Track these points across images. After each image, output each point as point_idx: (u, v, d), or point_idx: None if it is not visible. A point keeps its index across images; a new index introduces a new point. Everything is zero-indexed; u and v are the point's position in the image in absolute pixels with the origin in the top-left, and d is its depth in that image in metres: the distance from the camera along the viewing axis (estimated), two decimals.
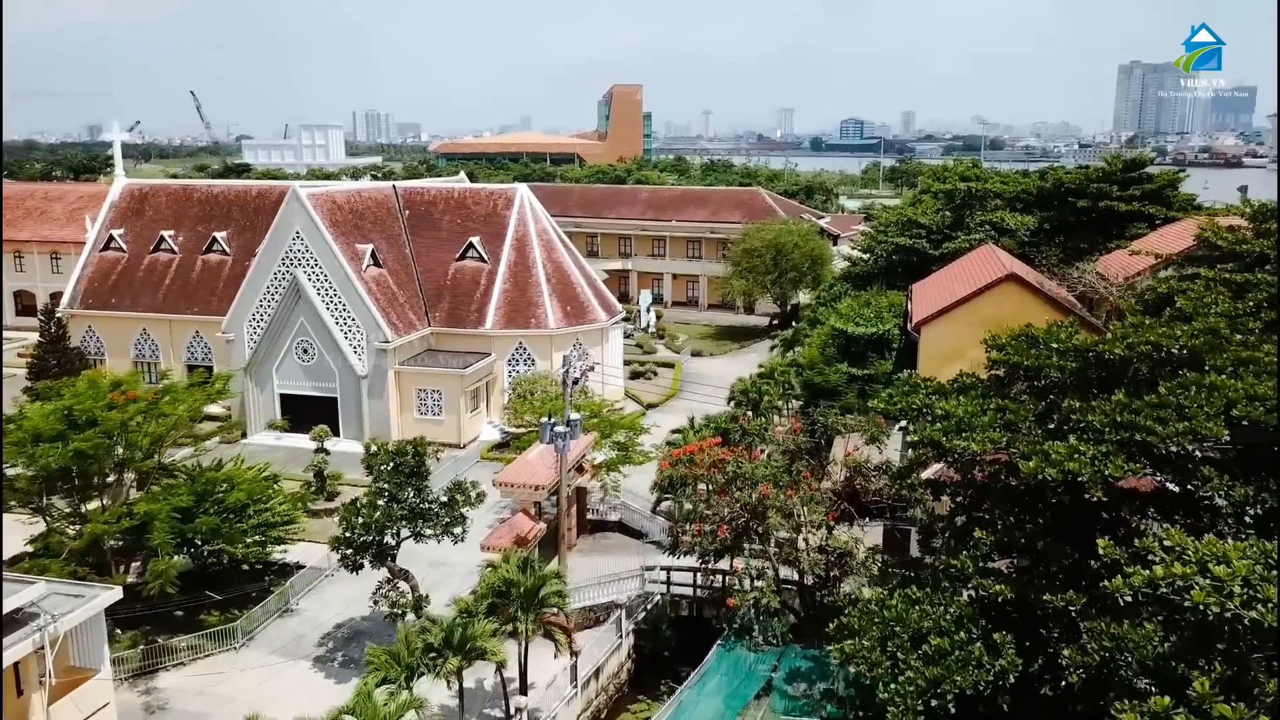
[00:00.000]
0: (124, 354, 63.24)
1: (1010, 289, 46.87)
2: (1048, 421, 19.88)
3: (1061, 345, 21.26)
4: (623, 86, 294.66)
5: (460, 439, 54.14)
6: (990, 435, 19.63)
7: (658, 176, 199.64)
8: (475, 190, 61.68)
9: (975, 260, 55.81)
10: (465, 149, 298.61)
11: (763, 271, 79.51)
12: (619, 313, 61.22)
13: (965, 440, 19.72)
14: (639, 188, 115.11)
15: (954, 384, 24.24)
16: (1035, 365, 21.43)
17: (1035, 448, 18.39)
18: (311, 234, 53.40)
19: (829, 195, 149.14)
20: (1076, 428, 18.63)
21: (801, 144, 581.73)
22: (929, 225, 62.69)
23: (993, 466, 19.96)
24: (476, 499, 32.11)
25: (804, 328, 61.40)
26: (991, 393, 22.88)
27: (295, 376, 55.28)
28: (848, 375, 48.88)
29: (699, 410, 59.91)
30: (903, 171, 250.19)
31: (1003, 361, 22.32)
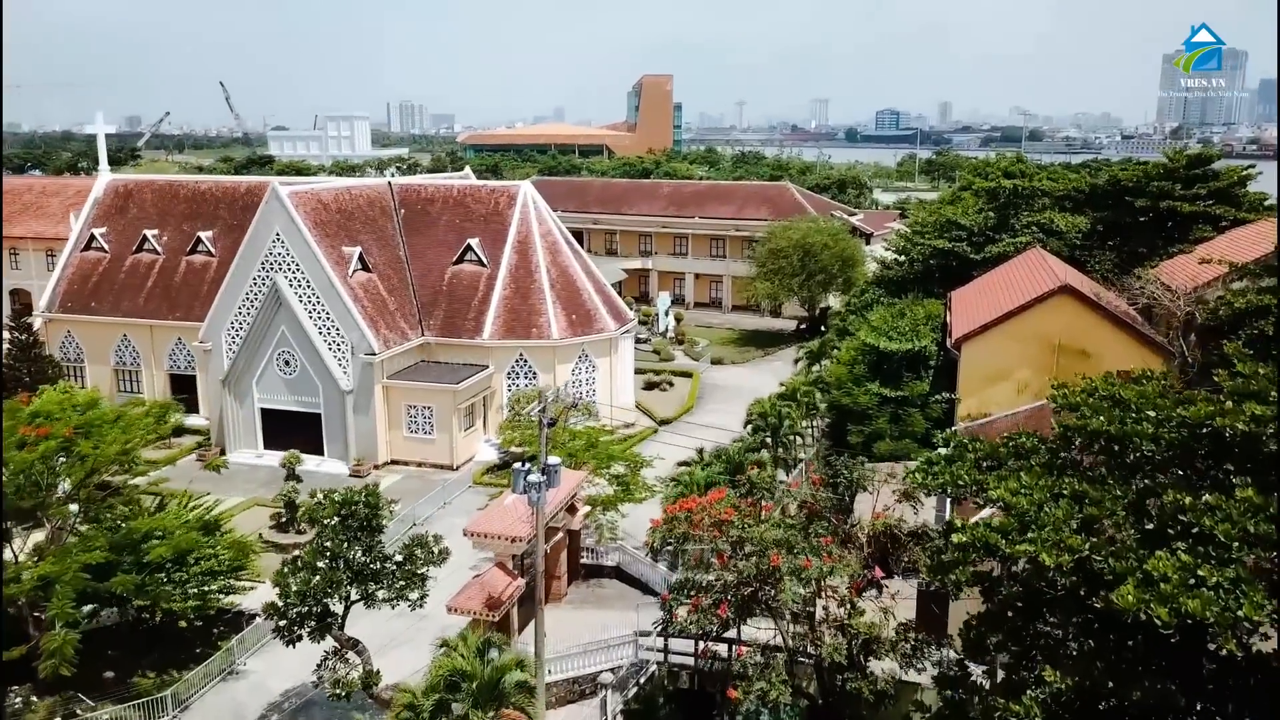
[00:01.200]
0: (104, 361, 59.46)
1: (1064, 302, 41.61)
2: (1144, 518, 14.82)
3: (1160, 412, 16.10)
4: (652, 77, 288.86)
5: (453, 460, 49.63)
6: (1066, 540, 14.54)
7: (687, 168, 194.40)
8: (475, 188, 57.08)
9: (1022, 267, 50.42)
10: (493, 140, 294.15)
11: (789, 274, 74.30)
12: (630, 320, 56.42)
13: (1031, 544, 14.68)
14: (660, 183, 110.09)
15: (1009, 444, 19.19)
16: (1121, 434, 16.34)
17: (1131, 564, 13.39)
18: (292, 236, 49.03)
19: (862, 189, 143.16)
20: (1187, 533, 13.61)
21: (836, 135, 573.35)
22: (970, 226, 57.26)
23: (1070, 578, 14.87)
24: (439, 556, 27.44)
25: (832, 338, 56.25)
26: (1059, 462, 17.83)
27: (277, 390, 51.00)
28: (879, 397, 43.79)
29: (715, 427, 55.14)
30: (939, 164, 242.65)
31: (1078, 428, 17.20)
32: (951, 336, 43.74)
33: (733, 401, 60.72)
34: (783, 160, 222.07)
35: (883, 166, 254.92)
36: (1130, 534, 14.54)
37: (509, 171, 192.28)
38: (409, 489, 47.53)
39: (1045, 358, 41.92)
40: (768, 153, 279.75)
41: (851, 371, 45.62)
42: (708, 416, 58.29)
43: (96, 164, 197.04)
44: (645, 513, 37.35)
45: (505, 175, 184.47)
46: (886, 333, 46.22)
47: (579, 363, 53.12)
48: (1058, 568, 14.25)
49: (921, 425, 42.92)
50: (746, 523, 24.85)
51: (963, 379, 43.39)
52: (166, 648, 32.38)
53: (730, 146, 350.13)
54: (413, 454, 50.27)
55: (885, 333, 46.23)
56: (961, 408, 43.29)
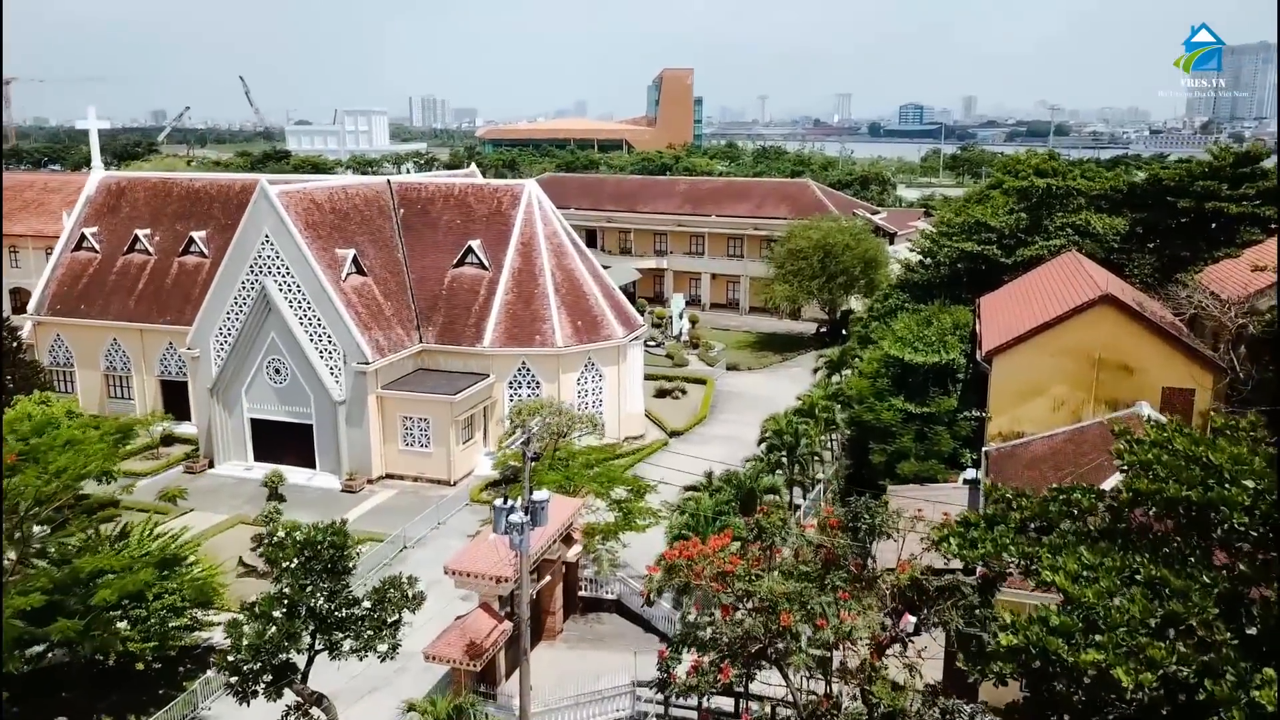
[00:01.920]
0: (94, 366, 57.21)
1: (1105, 313, 38.40)
2: (1241, 616, 11.86)
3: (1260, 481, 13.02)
4: (673, 70, 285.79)
5: (450, 475, 46.97)
6: (1146, 649, 11.53)
7: (706, 163, 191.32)
8: (478, 186, 54.33)
9: (1057, 273, 47.18)
10: (512, 135, 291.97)
11: (809, 275, 71.15)
12: (639, 327, 53.54)
13: (1101, 653, 11.71)
14: (676, 179, 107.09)
15: (1061, 501, 16.19)
16: (1206, 501, 13.33)
17: (1232, 689, 10.45)
18: (282, 237, 46.45)
19: (885, 186, 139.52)
20: None
21: (859, 130, 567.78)
22: (1000, 228, 53.99)
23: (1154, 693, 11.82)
24: (413, 600, 24.71)
25: (853, 346, 53.18)
26: (1123, 529, 14.84)
27: (267, 400, 48.51)
28: (903, 413, 40.74)
29: (729, 439, 52.23)
30: (964, 159, 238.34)
31: (1150, 494, 14.15)
32: (982, 349, 40.64)
33: (748, 411, 57.80)
34: (804, 155, 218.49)
35: (906, 162, 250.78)
36: (1225, 637, 11.57)
37: (526, 167, 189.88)
38: (402, 505, 44.95)
39: (1084, 373, 38.84)
40: (789, 147, 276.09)
41: (874, 385, 42.60)
42: (721, 428, 55.41)
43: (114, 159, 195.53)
44: (649, 542, 34.59)
45: (522, 170, 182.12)
46: (912, 343, 43.15)
47: (585, 372, 50.32)
48: (1137, 686, 11.29)
49: (949, 444, 39.89)
50: (754, 573, 21.95)
51: (994, 395, 40.31)
52: (127, 689, 29.86)
53: (751, 141, 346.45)
54: (408, 468, 47.67)
55: (910, 343, 43.16)
56: (992, 426, 40.23)
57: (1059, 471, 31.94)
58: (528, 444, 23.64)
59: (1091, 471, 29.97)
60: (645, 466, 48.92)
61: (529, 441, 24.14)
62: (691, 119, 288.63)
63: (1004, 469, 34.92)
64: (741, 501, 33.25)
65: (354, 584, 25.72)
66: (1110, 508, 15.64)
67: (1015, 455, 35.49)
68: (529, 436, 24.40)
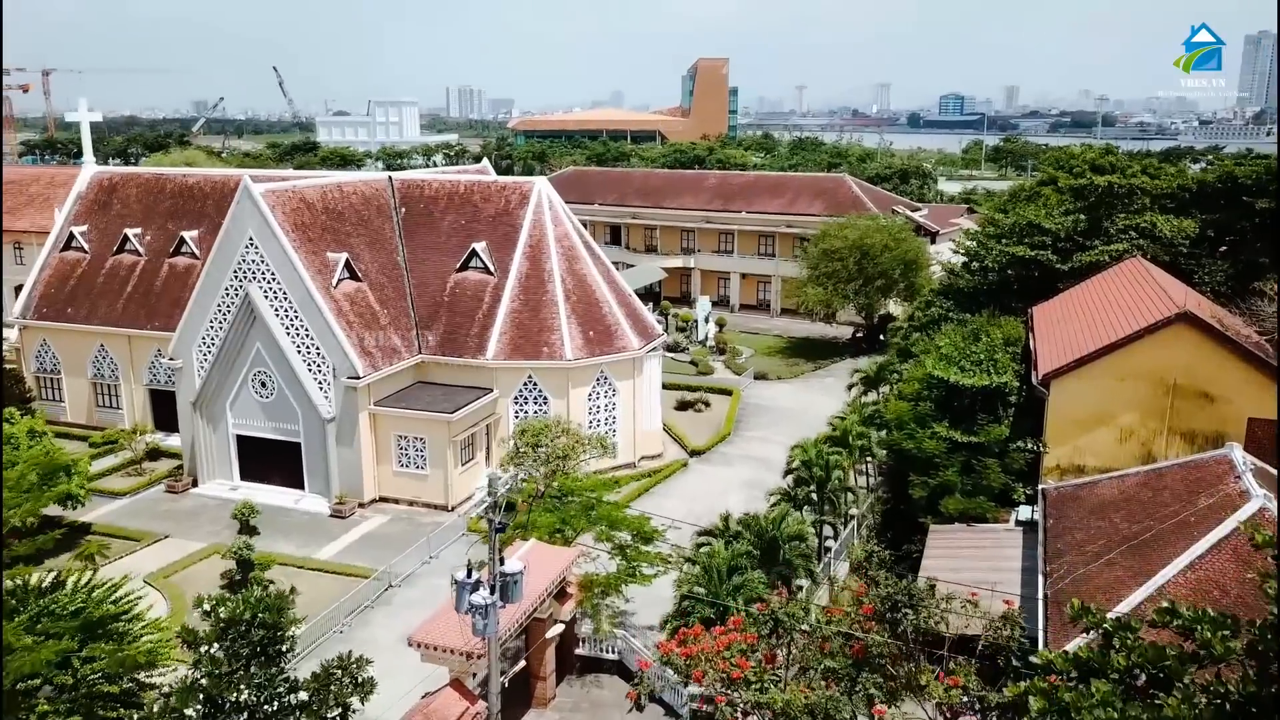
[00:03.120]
0: (81, 373, 54.06)
1: (1182, 333, 33.70)
2: None
3: None
4: (708, 60, 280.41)
5: (448, 499, 43.14)
6: None
7: (741, 155, 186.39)
8: (484, 184, 50.29)
9: (1121, 282, 42.32)
10: (544, 126, 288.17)
11: (844, 278, 66.54)
12: (658, 337, 49.32)
13: None
14: (706, 173, 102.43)
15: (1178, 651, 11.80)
16: None
17: None
18: (267, 240, 42.75)
19: (925, 180, 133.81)
20: None
21: (899, 120, 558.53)
22: (1055, 231, 49.08)
23: None
24: (363, 687, 20.75)
25: (891, 360, 48.58)
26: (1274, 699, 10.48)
27: (252, 415, 44.92)
28: (948, 442, 36.18)
29: (754, 460, 47.91)
30: (1007, 151, 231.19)
31: None
32: (1038, 371, 36.03)
33: (776, 427, 53.52)
34: (842, 146, 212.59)
35: (947, 153, 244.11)
36: None
37: (556, 159, 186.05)
38: (393, 534, 41.18)
39: (1157, 400, 34.20)
40: (826, 138, 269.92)
41: (915, 408, 38.06)
42: (747, 446, 51.12)
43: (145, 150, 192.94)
44: (657, 589, 30.49)
45: (551, 162, 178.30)
46: (958, 361, 38.53)
47: (597, 386, 46.23)
48: None
49: (999, 479, 35.31)
50: (767, 677, 17.76)
51: (1052, 423, 35.72)
52: None
53: (788, 132, 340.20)
54: (403, 491, 43.89)
55: (956, 361, 38.54)
56: (1049, 458, 35.70)
57: (1132, 523, 27.43)
58: (494, 510, 19.58)
59: (1174, 530, 25.45)
60: (660, 494, 44.87)
61: (496, 507, 20.09)
62: (726, 109, 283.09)
63: (1065, 513, 30.40)
64: (763, 551, 29.01)
65: (332, 638, 21.92)
66: (1255, 645, 11.24)
67: (1078, 498, 30.93)
68: (495, 493, 20.29)
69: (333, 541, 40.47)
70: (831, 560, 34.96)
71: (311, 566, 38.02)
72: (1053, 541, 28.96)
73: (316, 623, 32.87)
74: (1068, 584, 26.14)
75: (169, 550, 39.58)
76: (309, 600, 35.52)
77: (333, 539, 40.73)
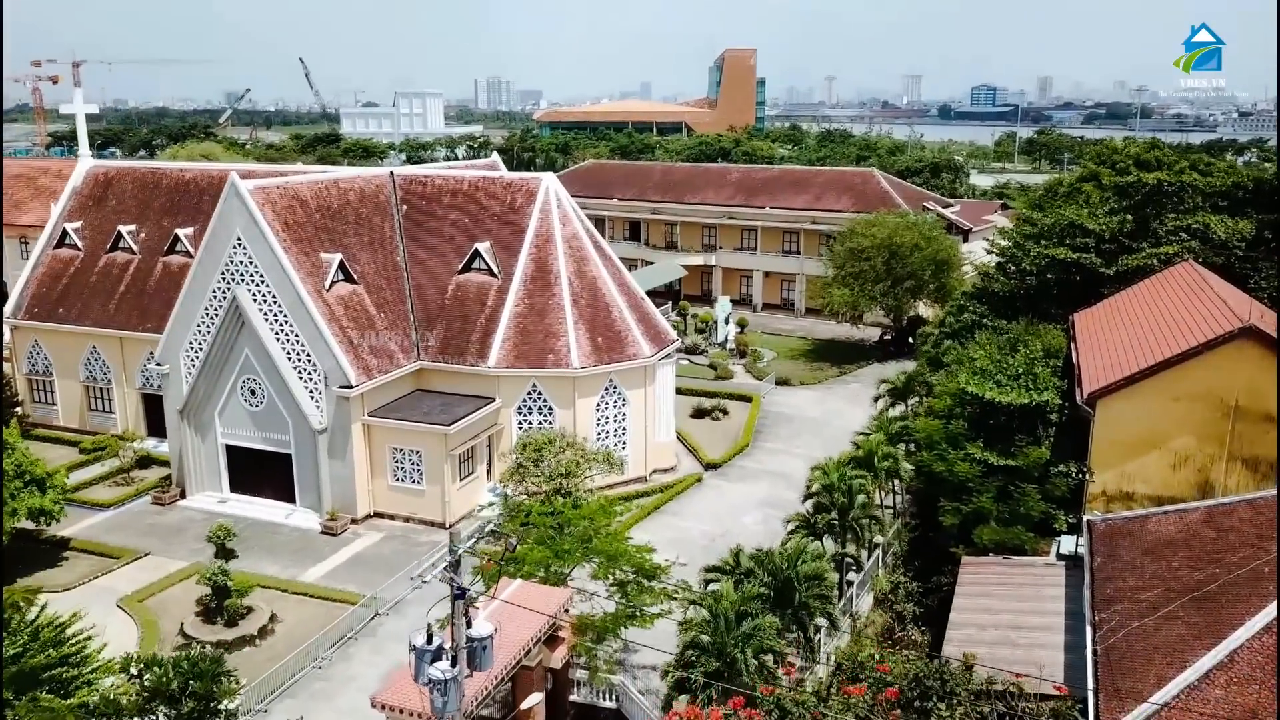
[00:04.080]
0: (73, 376, 51.98)
1: (1245, 350, 30.44)
2: None
3: None
4: (735, 50, 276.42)
5: (445, 516, 40.59)
6: None
7: (768, 147, 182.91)
8: (489, 181, 47.57)
9: (1173, 289, 38.96)
10: (569, 117, 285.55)
11: (872, 279, 63.35)
12: (671, 342, 46.48)
13: None
14: (729, 167, 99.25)
15: None
16: None
17: None
18: (255, 240, 40.31)
19: (958, 174, 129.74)
20: None
21: (929, 112, 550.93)
22: (1099, 231, 45.73)
23: None
24: None
25: (921, 370, 45.47)
26: None
27: (242, 425, 42.57)
28: (983, 465, 33.15)
29: (773, 474, 44.98)
30: (1041, 143, 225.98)
31: None
32: (1083, 388, 32.88)
33: (797, 439, 50.63)
34: (871, 139, 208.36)
35: (979, 145, 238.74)
36: None
37: (579, 151, 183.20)
38: (386, 554, 38.69)
39: (1215, 423, 31.03)
40: (856, 130, 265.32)
41: (946, 427, 35.04)
42: (766, 459, 48.23)
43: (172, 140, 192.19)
44: (661, 628, 27.74)
45: (574, 154, 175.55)
46: (994, 375, 35.45)
47: (605, 396, 43.49)
48: None
49: (1039, 506, 32.23)
50: None
51: (1098, 446, 32.57)
52: None
53: (817, 123, 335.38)
54: (399, 506, 41.41)
55: (992, 375, 35.46)
56: (1095, 484, 32.56)
57: (1194, 570, 24.34)
58: (457, 567, 16.91)
59: (1246, 581, 22.37)
60: (671, 513, 42.13)
61: (458, 564, 17.41)
62: (754, 101, 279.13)
63: (1114, 550, 27.31)
64: (776, 591, 26.16)
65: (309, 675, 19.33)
66: None
67: (1130, 534, 27.82)
68: (455, 554, 17.59)
69: (320, 562, 38.03)
70: (854, 594, 32.06)
71: (296, 590, 35.59)
72: (1101, 585, 25.92)
73: (294, 658, 30.44)
74: (1120, 639, 23.15)
75: (147, 570, 37.31)
76: (289, 628, 33.23)
77: (321, 559, 38.29)
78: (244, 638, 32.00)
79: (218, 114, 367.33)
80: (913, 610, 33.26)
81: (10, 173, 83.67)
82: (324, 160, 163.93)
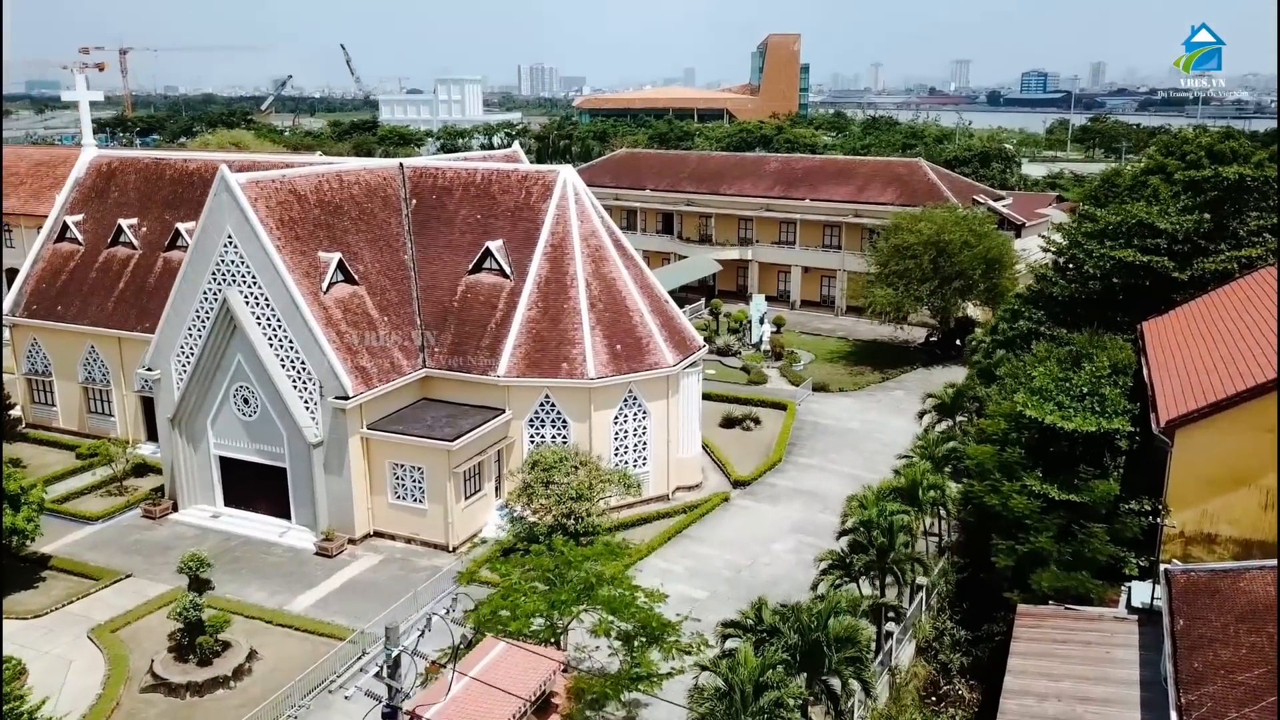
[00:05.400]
0: (72, 377, 49.62)
1: None
2: None
3: None
4: (778, 36, 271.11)
5: (448, 539, 37.49)
6: None
7: (811, 134, 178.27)
8: (504, 173, 44.23)
9: (1259, 299, 34.70)
10: (609, 104, 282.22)
11: (918, 278, 59.27)
12: (697, 349, 42.94)
13: None
14: (767, 157, 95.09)
15: None
16: None
17: None
18: (247, 239, 37.37)
19: (1008, 163, 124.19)
20: None
21: (978, 98, 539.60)
22: (1171, 231, 41.38)
23: None
24: None
25: (971, 382, 41.50)
26: None
27: (235, 435, 39.78)
28: (1042, 499, 29.32)
29: (806, 494, 41.34)
30: (1095, 131, 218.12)
31: None
32: (1158, 415, 28.92)
33: (835, 453, 46.99)
34: (917, 126, 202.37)
35: (1029, 133, 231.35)
36: None
37: (617, 138, 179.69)
38: (382, 581, 35.69)
39: None
40: (902, 117, 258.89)
41: (1000, 454, 31.20)
42: (799, 476, 44.61)
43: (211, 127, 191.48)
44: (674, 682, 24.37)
45: (612, 142, 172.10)
46: (1054, 397, 31.52)
47: (625, 408, 40.10)
48: None
49: (1107, 549, 28.35)
50: None
51: (1175, 480, 28.62)
52: None
53: (862, 110, 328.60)
54: (400, 526, 38.41)
55: (1052, 396, 31.53)
56: (1172, 525, 28.60)
57: None
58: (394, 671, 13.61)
59: None
60: (693, 538, 38.69)
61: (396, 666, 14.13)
62: (797, 87, 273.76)
63: (1198, 610, 23.39)
64: (804, 654, 22.65)
65: None
66: None
67: (1218, 591, 23.89)
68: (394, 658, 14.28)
69: (311, 589, 35.09)
70: (894, 646, 28.42)
71: (280, 621, 32.68)
72: (1185, 656, 22.06)
73: (267, 706, 27.50)
74: None
75: (126, 594, 34.63)
76: (269, 668, 30.32)
77: (312, 585, 35.36)
78: (217, 679, 29.11)
79: (264, 101, 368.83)
80: (960, 661, 29.61)
81: (31, 161, 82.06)
82: (359, 148, 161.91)
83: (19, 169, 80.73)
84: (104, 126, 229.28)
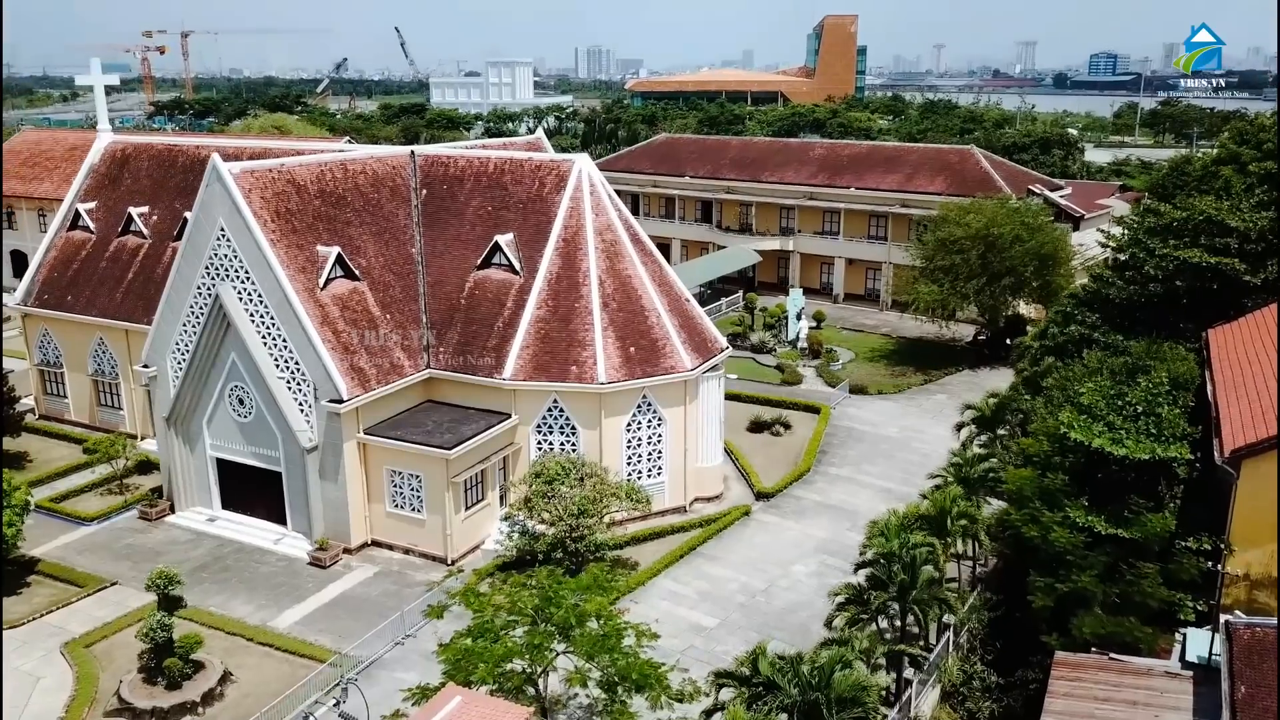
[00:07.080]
0: (82, 368, 48.47)
1: None
2: None
3: None
4: (835, 17, 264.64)
5: (447, 551, 35.37)
6: None
7: (866, 118, 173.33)
8: (517, 163, 41.78)
9: None
10: (661, 87, 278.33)
11: (965, 275, 55.74)
12: (719, 351, 40.21)
13: None
14: (811, 143, 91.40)
15: None
16: None
17: None
18: (239, 231, 35.45)
19: (1070, 149, 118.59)
20: None
21: (1044, 80, 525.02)
22: (1243, 230, 37.59)
23: None
24: None
25: (1015, 395, 38.18)
26: None
27: (231, 437, 38.06)
28: (1087, 533, 26.24)
29: (835, 509, 38.50)
30: (1165, 115, 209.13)
31: None
32: (1222, 441, 25.64)
33: (868, 463, 44.06)
34: (977, 110, 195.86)
35: (1096, 117, 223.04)
36: None
37: (665, 122, 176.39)
38: (374, 595, 33.70)
39: None
40: (962, 100, 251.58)
41: (1041, 480, 28.11)
42: (828, 487, 41.77)
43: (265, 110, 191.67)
44: None
45: (660, 126, 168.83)
46: (1104, 416, 28.31)
47: (638, 414, 37.58)
48: None
49: (1159, 592, 25.24)
50: None
51: (1240, 516, 25.42)
52: None
53: (921, 93, 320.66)
54: (398, 536, 36.40)
55: (1103, 416, 28.32)
56: (1235, 564, 25.40)
57: None
58: None
59: None
60: (707, 556, 36.09)
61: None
62: (854, 69, 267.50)
63: (1264, 675, 20.30)
64: (802, 715, 20.01)
65: None
66: None
67: None
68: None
69: (298, 603, 33.22)
70: (913, 695, 25.59)
71: (261, 639, 30.86)
72: None
73: None
74: None
75: (108, 604, 33.13)
76: (242, 693, 28.48)
77: (301, 599, 33.49)
78: (184, 705, 27.32)
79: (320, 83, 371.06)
80: (990, 710, 26.74)
81: (65, 145, 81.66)
82: (406, 131, 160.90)
83: (55, 153, 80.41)
84: (162, 109, 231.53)
